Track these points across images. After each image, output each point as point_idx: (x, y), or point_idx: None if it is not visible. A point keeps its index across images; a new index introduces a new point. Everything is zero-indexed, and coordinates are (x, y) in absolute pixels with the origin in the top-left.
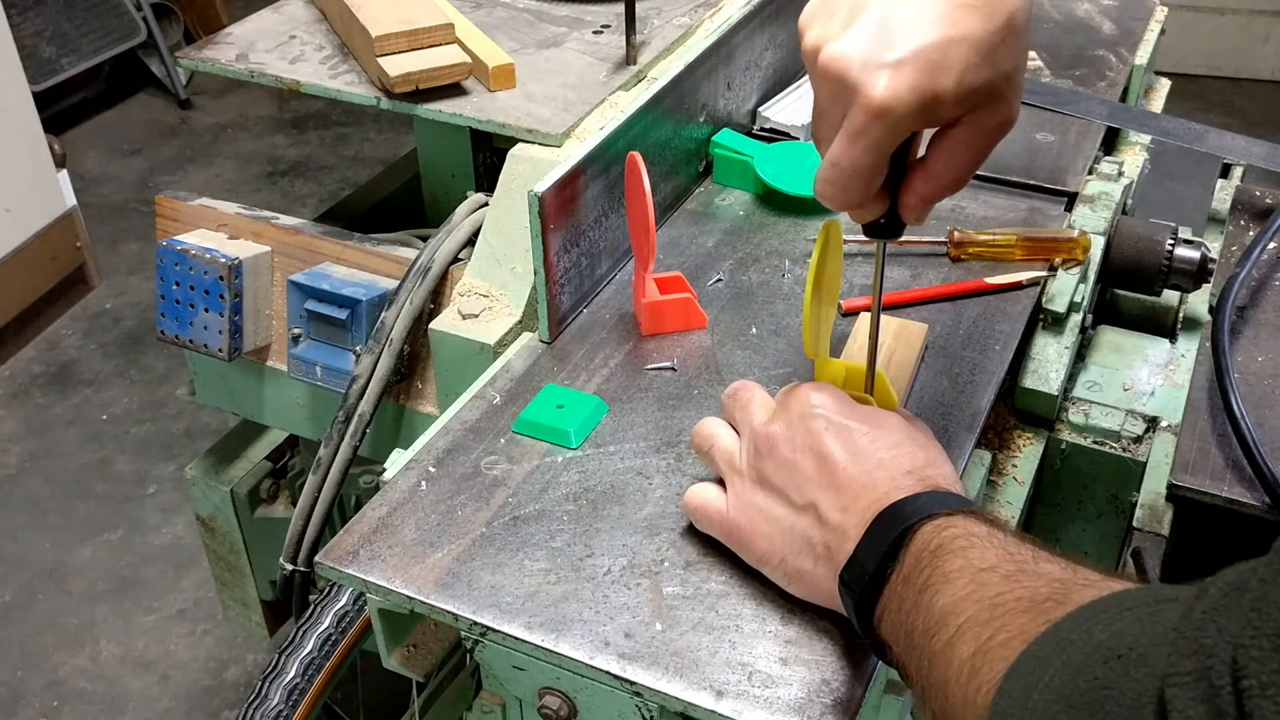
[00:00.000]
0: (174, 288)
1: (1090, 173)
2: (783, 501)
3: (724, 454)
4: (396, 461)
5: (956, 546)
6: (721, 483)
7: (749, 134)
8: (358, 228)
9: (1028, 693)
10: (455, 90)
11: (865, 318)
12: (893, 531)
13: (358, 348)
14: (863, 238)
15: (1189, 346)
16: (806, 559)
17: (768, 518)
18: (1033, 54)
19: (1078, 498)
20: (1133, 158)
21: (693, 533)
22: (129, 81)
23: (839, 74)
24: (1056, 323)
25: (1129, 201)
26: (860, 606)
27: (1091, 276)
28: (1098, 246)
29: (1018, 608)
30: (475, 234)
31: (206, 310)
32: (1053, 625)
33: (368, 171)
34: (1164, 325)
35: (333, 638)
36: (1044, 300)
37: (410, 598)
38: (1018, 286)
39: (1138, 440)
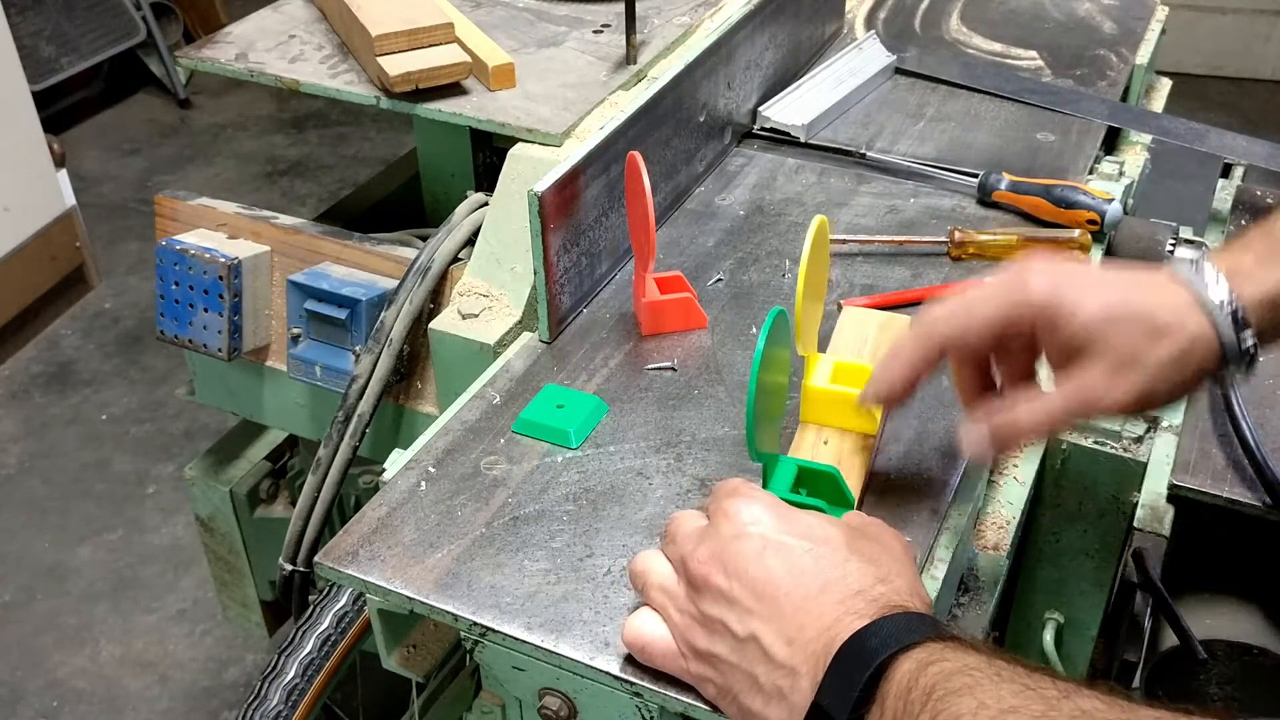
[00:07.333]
0: (173, 287)
1: (1091, 172)
2: (725, 636)
3: (659, 590)
4: (396, 461)
5: (958, 685)
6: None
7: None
8: (357, 227)
9: None
10: (455, 90)
11: (849, 311)
12: (861, 671)
13: (357, 348)
14: (862, 236)
15: None
16: (756, 698)
17: (712, 655)
18: (1033, 54)
19: (1078, 498)
20: (1134, 157)
21: None
22: (128, 81)
23: None
24: None
25: (1130, 201)
26: None
27: None
28: (1099, 246)
29: None
30: (475, 234)
31: (206, 310)
32: None
33: (367, 171)
34: None
35: (332, 638)
36: None
37: (410, 598)
38: None
39: (1138, 440)
